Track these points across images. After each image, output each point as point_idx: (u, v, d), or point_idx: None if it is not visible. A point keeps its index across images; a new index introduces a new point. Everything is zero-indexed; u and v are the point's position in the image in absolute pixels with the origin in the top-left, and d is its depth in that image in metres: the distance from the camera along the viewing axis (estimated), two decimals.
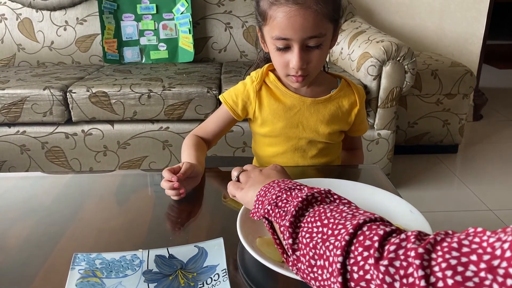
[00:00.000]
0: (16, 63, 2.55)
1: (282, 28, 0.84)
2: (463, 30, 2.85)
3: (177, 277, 0.61)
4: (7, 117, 1.95)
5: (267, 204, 0.58)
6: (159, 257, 0.65)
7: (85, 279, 0.60)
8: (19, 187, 0.92)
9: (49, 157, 2.04)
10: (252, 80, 1.01)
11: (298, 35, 0.84)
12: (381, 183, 0.86)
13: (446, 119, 2.43)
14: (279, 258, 0.63)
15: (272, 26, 0.86)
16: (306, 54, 0.88)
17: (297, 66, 0.87)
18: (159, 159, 2.05)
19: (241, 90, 1.02)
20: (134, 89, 1.93)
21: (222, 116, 1.04)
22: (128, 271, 0.62)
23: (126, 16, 2.48)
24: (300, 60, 0.87)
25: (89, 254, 0.66)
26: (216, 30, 2.56)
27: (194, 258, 0.65)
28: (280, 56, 0.90)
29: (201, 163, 0.92)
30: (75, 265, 0.63)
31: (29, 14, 2.50)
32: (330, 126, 1.01)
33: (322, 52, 0.89)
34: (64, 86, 1.97)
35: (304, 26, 0.83)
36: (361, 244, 0.44)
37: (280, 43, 0.87)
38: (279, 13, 0.84)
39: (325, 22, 0.85)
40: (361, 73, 1.96)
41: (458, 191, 2.18)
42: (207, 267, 0.63)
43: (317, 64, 0.91)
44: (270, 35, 0.88)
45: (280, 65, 0.92)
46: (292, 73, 0.90)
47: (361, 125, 1.08)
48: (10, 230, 0.74)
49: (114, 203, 0.86)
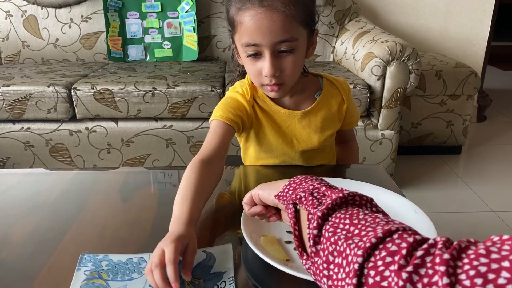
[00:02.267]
0: (21, 60, 2.56)
1: (250, 33, 0.81)
2: (468, 31, 2.84)
3: (183, 283, 0.59)
4: (12, 113, 1.96)
5: (301, 191, 0.55)
6: None
7: (90, 281, 0.60)
8: (23, 183, 0.92)
9: (53, 154, 2.04)
10: (241, 94, 0.95)
11: (267, 40, 0.80)
12: (385, 183, 0.86)
13: (450, 120, 2.43)
14: (283, 256, 0.63)
15: (240, 32, 0.83)
16: (279, 60, 0.83)
17: (269, 73, 0.83)
18: (162, 157, 2.05)
19: (235, 104, 0.93)
20: (138, 87, 1.93)
21: (221, 131, 0.90)
22: (134, 274, 0.61)
23: (130, 14, 2.49)
24: (272, 67, 0.82)
25: (96, 255, 0.65)
26: (220, 29, 2.56)
27: (202, 263, 0.63)
28: (252, 64, 0.85)
29: (194, 220, 0.68)
30: (81, 266, 0.63)
31: (34, 11, 2.51)
32: (323, 133, 0.98)
33: (296, 58, 0.84)
34: (68, 83, 1.98)
35: (272, 29, 0.79)
36: (387, 250, 0.41)
37: (250, 49, 0.83)
38: (246, 17, 0.80)
39: (295, 25, 0.81)
40: (365, 73, 1.96)
41: (461, 192, 2.17)
42: (214, 274, 0.61)
43: (291, 72, 0.85)
44: (240, 42, 0.84)
45: (253, 74, 0.87)
46: (266, 81, 0.86)
47: (351, 118, 1.05)
48: (14, 226, 0.75)
49: (118, 200, 0.86)
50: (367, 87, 1.92)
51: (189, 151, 2.04)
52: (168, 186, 0.93)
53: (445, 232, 0.49)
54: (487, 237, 0.38)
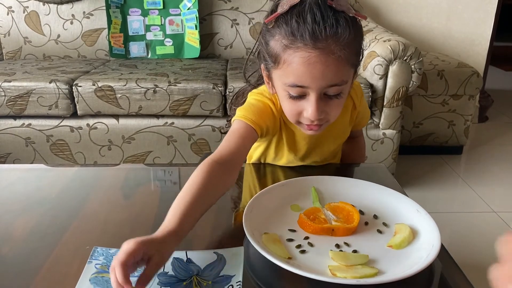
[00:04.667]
0: (23, 56, 2.56)
1: (299, 75, 0.74)
2: (470, 31, 2.83)
3: (191, 284, 0.59)
4: (13, 109, 1.95)
5: None
6: (176, 260, 0.64)
7: (100, 275, 0.60)
8: (24, 179, 0.92)
9: (54, 150, 2.04)
10: (273, 102, 0.88)
11: (317, 84, 0.74)
12: (388, 182, 0.86)
13: (451, 120, 2.42)
14: (285, 254, 0.63)
15: (286, 71, 0.75)
16: (324, 103, 0.77)
17: (314, 117, 0.77)
18: (163, 155, 2.05)
19: (266, 110, 0.87)
20: (140, 83, 1.93)
21: (244, 133, 0.83)
22: None
23: (132, 11, 2.48)
24: (318, 111, 0.76)
25: (109, 249, 0.65)
26: (222, 27, 2.56)
27: (212, 265, 0.63)
28: (292, 103, 0.79)
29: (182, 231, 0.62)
30: (93, 258, 0.63)
31: (36, 7, 2.50)
32: (335, 142, 0.98)
33: (342, 101, 0.79)
34: (70, 80, 1.98)
35: (325, 74, 0.73)
36: None
37: (295, 91, 0.76)
38: (296, 58, 0.73)
39: (347, 68, 0.76)
40: (368, 72, 1.95)
41: (462, 192, 2.17)
42: (223, 277, 0.61)
43: (335, 114, 0.81)
44: (282, 81, 0.77)
45: (291, 113, 0.81)
46: (306, 122, 0.80)
47: (362, 120, 1.04)
48: (15, 222, 0.75)
49: (119, 197, 0.86)
50: (369, 86, 1.92)
51: (190, 149, 2.03)
52: (169, 184, 0.92)
53: (446, 232, 0.49)
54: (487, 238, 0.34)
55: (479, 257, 1.65)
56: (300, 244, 0.66)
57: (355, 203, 0.75)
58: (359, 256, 0.63)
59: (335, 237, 0.68)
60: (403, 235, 0.67)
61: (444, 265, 0.64)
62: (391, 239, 0.68)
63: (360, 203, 0.76)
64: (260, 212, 0.72)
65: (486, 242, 1.75)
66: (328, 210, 0.73)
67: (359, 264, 0.61)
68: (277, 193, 0.78)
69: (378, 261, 0.63)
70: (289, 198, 0.77)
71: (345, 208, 0.73)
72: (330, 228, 0.68)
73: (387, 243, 0.67)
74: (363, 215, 0.73)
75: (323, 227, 0.68)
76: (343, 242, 0.67)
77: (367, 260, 0.62)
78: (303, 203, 0.76)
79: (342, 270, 0.59)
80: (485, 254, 1.68)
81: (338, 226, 0.69)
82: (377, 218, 0.73)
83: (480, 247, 1.72)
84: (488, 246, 1.73)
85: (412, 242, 0.67)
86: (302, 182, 0.82)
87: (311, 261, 0.62)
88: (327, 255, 0.63)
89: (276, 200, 0.76)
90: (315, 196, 0.78)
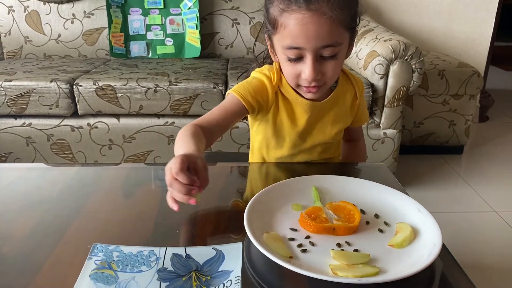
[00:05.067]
0: (23, 55, 2.56)
1: (294, 36, 0.79)
2: (471, 31, 2.83)
3: (190, 279, 0.59)
4: (14, 109, 1.95)
5: None
6: (175, 255, 0.64)
7: (100, 271, 0.61)
8: (25, 178, 0.92)
9: (55, 150, 2.04)
10: (268, 77, 0.94)
11: (311, 44, 0.79)
12: (389, 182, 0.86)
13: (452, 120, 2.42)
14: (286, 253, 0.63)
15: (283, 34, 0.81)
16: (320, 64, 0.82)
17: (310, 77, 0.82)
18: (164, 154, 2.05)
19: (259, 86, 0.93)
20: (141, 83, 1.93)
21: (230, 107, 0.91)
22: (143, 267, 0.62)
23: (133, 10, 2.48)
24: (314, 71, 0.81)
25: (108, 245, 0.66)
26: (223, 26, 2.56)
27: (211, 261, 0.63)
28: (291, 66, 0.84)
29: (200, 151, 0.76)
30: (92, 255, 0.63)
31: (36, 7, 2.50)
32: (336, 126, 0.99)
33: (337, 63, 0.83)
34: (70, 79, 1.98)
35: (319, 34, 0.77)
36: None
37: (292, 52, 0.81)
38: (291, 20, 0.78)
39: (341, 30, 0.80)
40: (368, 72, 1.95)
41: (463, 192, 2.17)
42: (222, 272, 0.61)
43: (332, 76, 0.85)
44: (281, 44, 0.83)
45: (291, 76, 0.86)
46: (304, 84, 0.85)
47: (361, 116, 1.06)
48: (16, 221, 0.74)
49: (120, 196, 0.86)
50: (369, 85, 1.92)
51: None
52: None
53: (447, 232, 0.49)
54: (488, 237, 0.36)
55: (479, 257, 1.65)
56: (301, 243, 0.66)
57: (356, 202, 0.75)
58: (360, 255, 0.63)
59: (336, 236, 0.68)
60: (404, 234, 0.67)
61: (446, 264, 0.64)
62: (392, 238, 0.68)
63: (361, 203, 0.76)
64: (261, 211, 0.72)
65: (487, 241, 1.75)
66: (329, 209, 0.73)
67: (360, 263, 0.61)
68: (278, 192, 0.78)
69: (379, 260, 0.63)
70: (290, 197, 0.77)
71: (346, 207, 0.73)
72: (331, 227, 0.68)
73: (388, 242, 0.66)
74: (364, 214, 0.73)
75: (324, 226, 0.68)
76: (344, 241, 0.67)
77: (368, 259, 0.62)
78: (304, 202, 0.76)
79: (343, 269, 0.59)
80: (486, 253, 1.68)
81: (339, 225, 0.68)
82: (378, 217, 0.73)
83: (481, 247, 1.72)
84: (488, 246, 1.73)
85: (413, 241, 0.67)
86: (303, 181, 0.82)
87: (313, 260, 0.62)
88: (328, 254, 0.63)
89: (277, 199, 0.76)
90: (316, 196, 0.78)
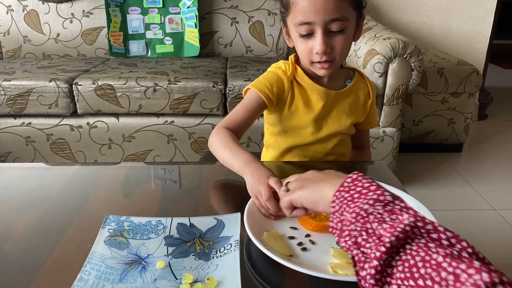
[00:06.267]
0: (22, 55, 2.55)
1: (304, 11, 0.86)
2: (470, 29, 2.83)
3: (194, 244, 0.66)
4: (13, 108, 1.95)
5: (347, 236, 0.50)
6: (180, 224, 0.71)
7: (113, 238, 0.67)
8: (24, 177, 0.92)
9: (54, 149, 2.04)
10: (283, 70, 1.00)
11: (320, 17, 0.85)
12: (388, 180, 0.86)
13: (451, 118, 2.42)
14: (286, 251, 0.63)
15: (294, 12, 0.88)
16: (330, 38, 0.88)
17: (321, 50, 0.87)
18: (163, 153, 2.05)
19: (274, 79, 0.99)
20: (140, 82, 1.93)
21: (251, 104, 0.97)
22: (152, 235, 0.68)
23: (132, 10, 2.48)
24: (324, 44, 0.87)
25: (119, 216, 0.73)
26: (222, 25, 2.56)
27: (212, 228, 0.70)
28: (304, 43, 0.90)
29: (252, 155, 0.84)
30: (105, 224, 0.70)
31: (35, 6, 2.50)
32: (350, 117, 1.03)
33: (346, 38, 0.89)
34: (70, 79, 1.97)
35: (326, 7, 0.84)
36: None
37: (303, 28, 0.87)
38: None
39: (347, 5, 0.86)
40: (368, 70, 1.95)
41: (462, 190, 2.17)
42: (223, 238, 0.67)
43: (341, 50, 0.90)
44: (293, 22, 0.89)
45: (304, 53, 0.92)
46: (316, 59, 0.90)
47: (372, 118, 1.11)
48: (16, 220, 0.75)
49: (120, 195, 0.86)
50: None
51: (190, 147, 2.04)
52: (169, 182, 0.92)
53: None
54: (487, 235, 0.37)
55: None
56: (301, 242, 0.66)
57: None
58: None
59: None
60: None
61: None
62: None
63: None
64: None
65: (486, 239, 1.75)
66: None
67: None
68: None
69: None
70: None
71: None
72: None
73: None
74: None
75: (324, 224, 0.68)
76: None
77: None
78: None
79: (343, 268, 0.59)
80: (485, 251, 1.68)
81: None
82: None
83: (480, 244, 1.71)
84: (487, 243, 1.73)
85: None
86: None
87: (313, 259, 0.62)
88: (328, 253, 0.63)
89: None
90: None
